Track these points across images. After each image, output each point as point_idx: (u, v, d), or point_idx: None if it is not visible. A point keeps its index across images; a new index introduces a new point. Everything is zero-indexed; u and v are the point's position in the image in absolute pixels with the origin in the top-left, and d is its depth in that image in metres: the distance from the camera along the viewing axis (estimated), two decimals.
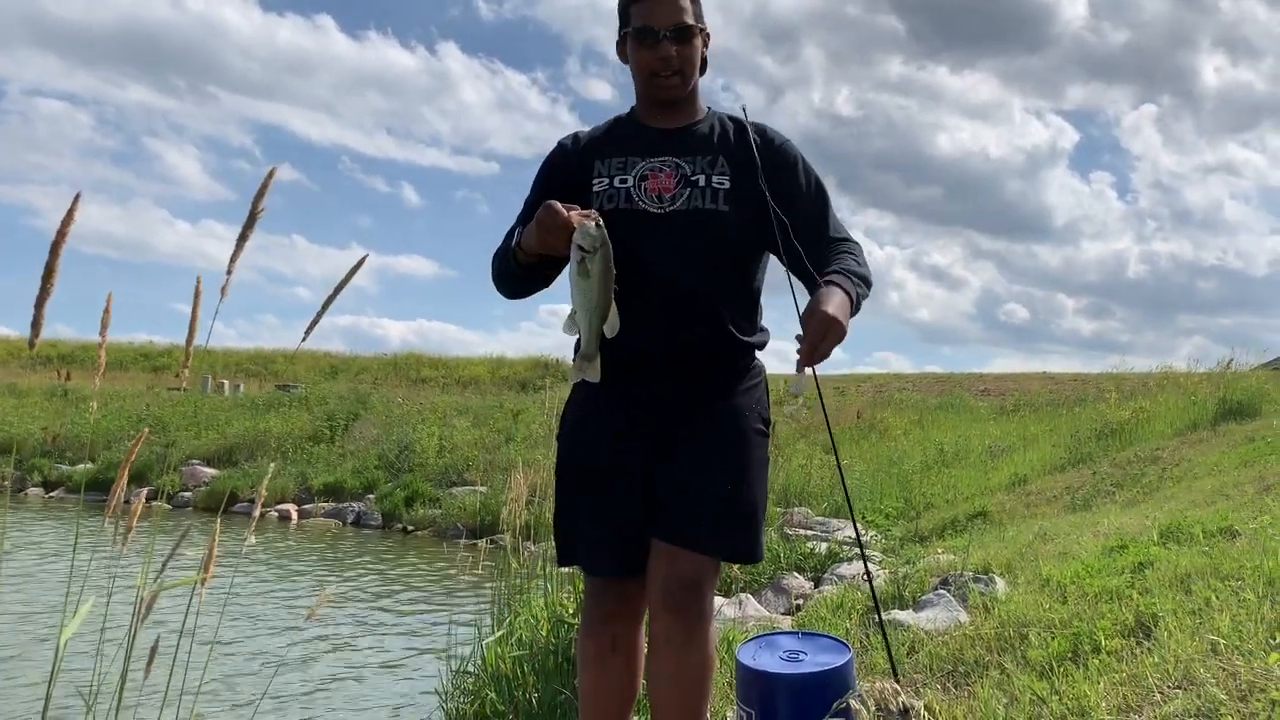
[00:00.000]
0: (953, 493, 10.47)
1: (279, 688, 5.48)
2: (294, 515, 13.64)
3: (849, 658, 2.36)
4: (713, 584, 2.07)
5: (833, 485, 11.31)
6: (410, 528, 12.88)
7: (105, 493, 1.99)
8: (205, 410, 18.45)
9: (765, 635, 2.60)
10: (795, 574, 6.12)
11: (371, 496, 13.90)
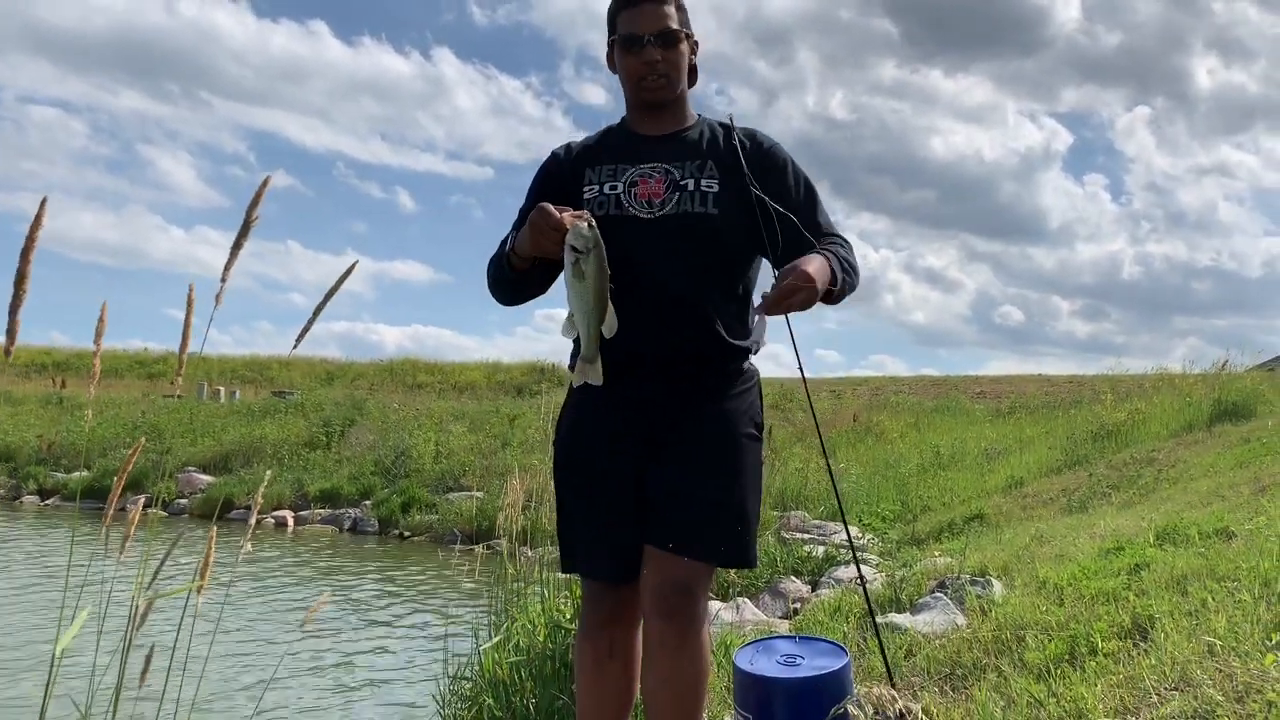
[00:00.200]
0: (949, 495, 10.48)
1: (275, 696, 5.47)
2: (290, 522, 13.62)
3: (846, 662, 2.36)
4: (705, 589, 2.07)
5: (829, 489, 11.32)
6: (407, 534, 12.87)
7: (101, 500, 2.00)
8: (201, 417, 18.42)
9: (762, 639, 2.60)
10: (792, 578, 6.13)
11: (368, 503, 13.88)
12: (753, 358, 2.20)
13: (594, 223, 1.86)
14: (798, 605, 5.57)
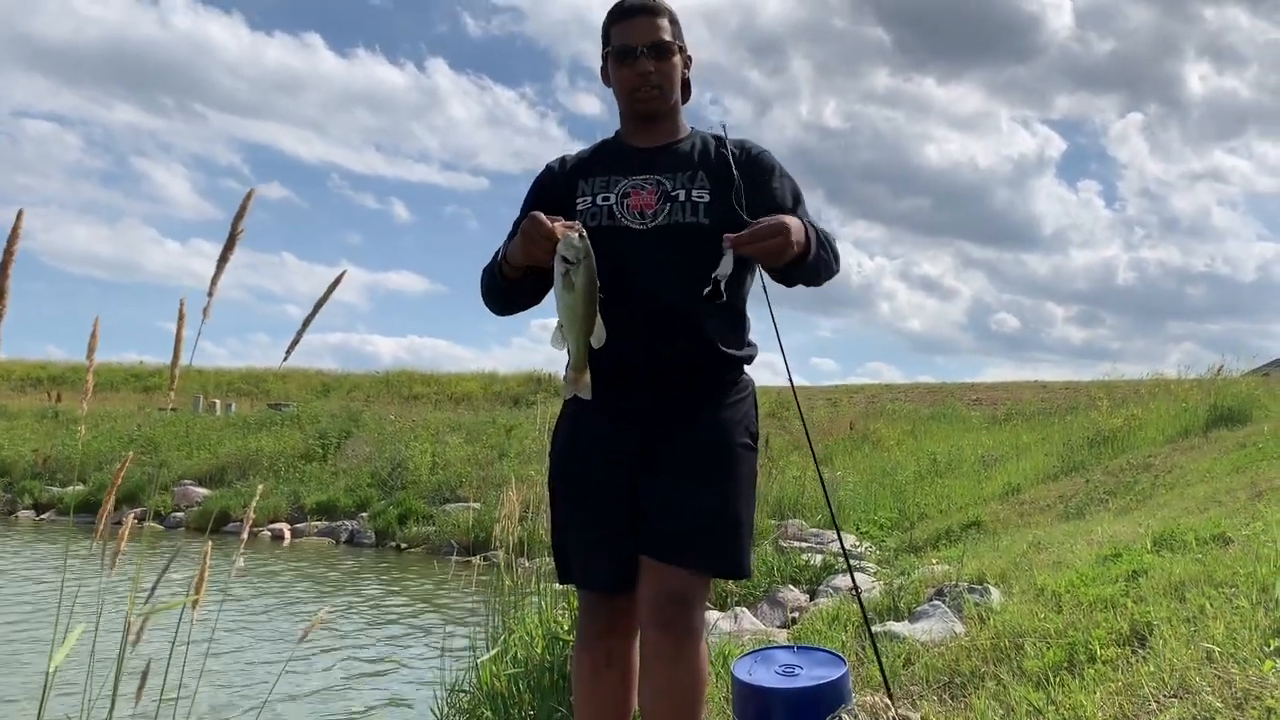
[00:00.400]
0: (946, 503, 10.48)
1: (273, 709, 5.45)
2: (287, 534, 13.58)
3: (844, 671, 2.36)
4: (702, 599, 2.06)
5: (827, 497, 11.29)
6: (403, 545, 12.84)
7: (97, 514, 1.98)
8: (197, 430, 18.38)
9: (761, 650, 2.60)
10: (790, 586, 6.11)
11: (364, 515, 13.85)
12: (748, 368, 2.21)
13: (585, 233, 1.88)
14: (796, 614, 5.55)
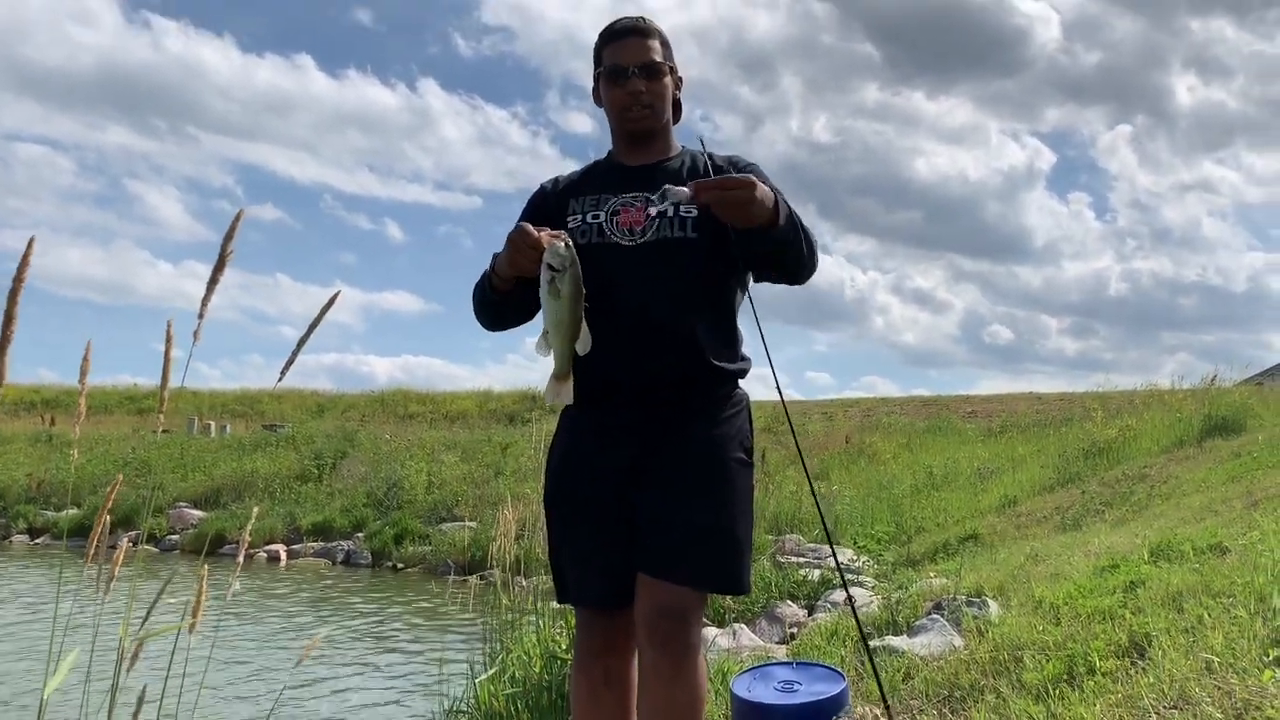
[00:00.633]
0: (943, 516, 10.48)
1: None
2: (283, 556, 13.52)
3: (844, 686, 2.35)
4: (698, 615, 2.05)
5: (823, 512, 11.29)
6: (400, 565, 12.79)
7: (90, 537, 1.97)
8: (191, 452, 18.32)
9: (760, 666, 2.59)
10: (789, 602, 6.09)
11: (360, 535, 13.80)
12: (742, 382, 2.21)
13: (570, 242, 1.90)
14: (795, 630, 5.54)
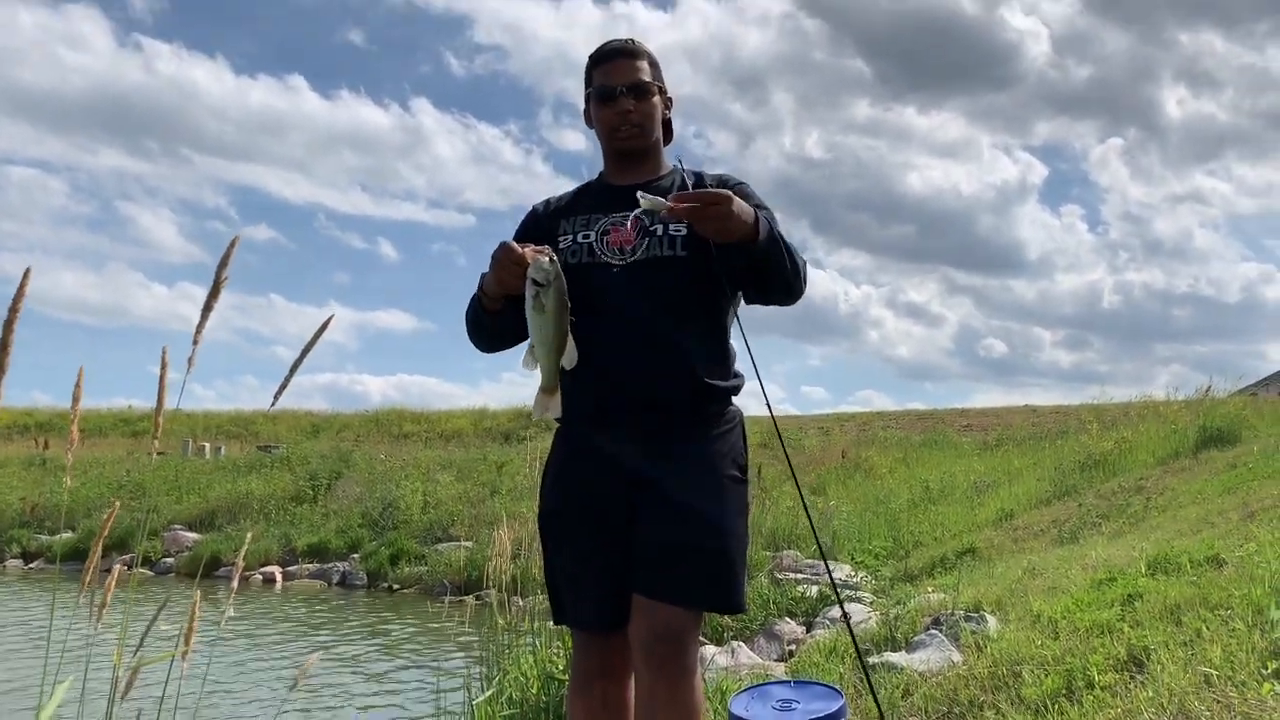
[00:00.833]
0: (940, 530, 10.46)
1: None
2: (278, 577, 13.45)
3: (842, 704, 2.34)
4: (694, 636, 2.04)
5: (820, 527, 11.28)
6: (396, 586, 12.74)
7: (85, 562, 1.96)
8: (186, 474, 18.24)
9: (757, 685, 2.57)
10: (787, 619, 6.07)
11: (356, 556, 13.74)
12: (735, 398, 2.20)
13: (555, 257, 1.91)
14: (793, 647, 5.52)
